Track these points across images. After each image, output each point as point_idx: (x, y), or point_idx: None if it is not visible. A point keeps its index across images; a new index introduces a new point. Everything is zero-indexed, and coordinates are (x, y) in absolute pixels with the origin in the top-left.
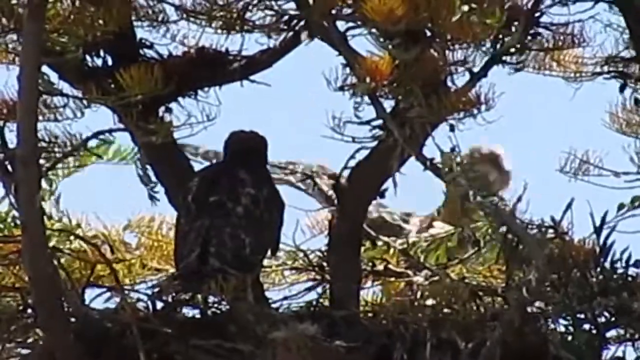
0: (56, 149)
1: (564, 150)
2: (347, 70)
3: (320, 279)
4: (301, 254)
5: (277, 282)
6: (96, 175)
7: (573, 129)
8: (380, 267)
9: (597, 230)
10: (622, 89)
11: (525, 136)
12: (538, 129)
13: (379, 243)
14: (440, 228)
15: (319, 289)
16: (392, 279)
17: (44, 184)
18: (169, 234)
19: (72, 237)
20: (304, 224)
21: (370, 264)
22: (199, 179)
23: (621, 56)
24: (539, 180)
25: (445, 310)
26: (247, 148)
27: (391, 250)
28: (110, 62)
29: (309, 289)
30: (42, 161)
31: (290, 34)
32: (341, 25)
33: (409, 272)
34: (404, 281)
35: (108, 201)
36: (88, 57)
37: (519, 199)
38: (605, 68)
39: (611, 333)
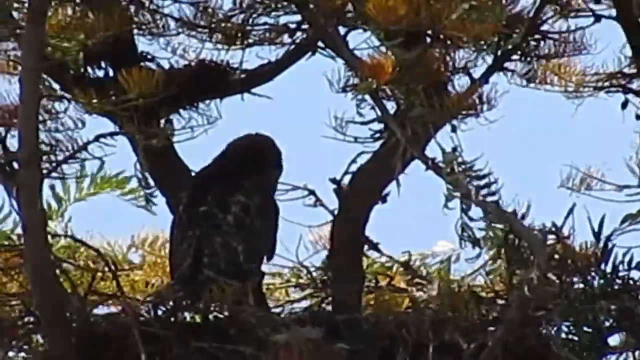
0: (58, 153)
1: (565, 164)
2: (349, 72)
3: (325, 296)
4: (304, 271)
5: (281, 300)
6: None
7: (574, 144)
8: (383, 283)
9: (597, 234)
10: (624, 105)
11: (527, 151)
12: (539, 143)
13: (383, 259)
14: (443, 246)
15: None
16: (396, 294)
17: (54, 205)
18: None
19: (76, 253)
20: (307, 239)
21: (373, 280)
22: (191, 187)
23: (623, 72)
24: (541, 196)
25: (448, 312)
26: (244, 152)
27: (394, 267)
28: (111, 73)
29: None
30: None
31: (292, 47)
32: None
33: (413, 288)
34: (407, 296)
35: (112, 219)
36: (89, 69)
37: (524, 216)
38: (607, 84)
39: (613, 341)
